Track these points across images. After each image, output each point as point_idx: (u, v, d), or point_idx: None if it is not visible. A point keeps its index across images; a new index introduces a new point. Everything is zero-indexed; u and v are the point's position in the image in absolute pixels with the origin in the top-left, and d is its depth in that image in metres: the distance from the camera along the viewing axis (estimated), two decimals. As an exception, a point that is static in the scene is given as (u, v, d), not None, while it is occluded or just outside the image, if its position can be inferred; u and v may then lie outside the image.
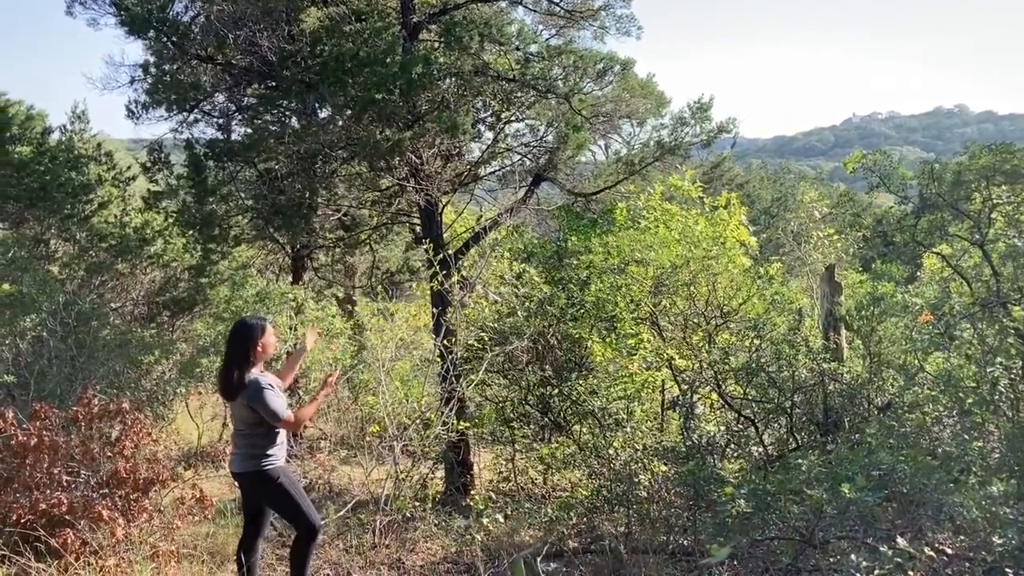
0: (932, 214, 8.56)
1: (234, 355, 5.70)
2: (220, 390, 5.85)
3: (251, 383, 5.62)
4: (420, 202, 11.82)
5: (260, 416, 5.62)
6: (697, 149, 14.74)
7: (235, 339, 5.75)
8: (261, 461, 5.69)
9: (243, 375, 5.64)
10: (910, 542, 4.75)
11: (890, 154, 8.28)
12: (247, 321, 5.86)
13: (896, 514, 5.35)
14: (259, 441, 5.70)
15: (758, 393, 8.47)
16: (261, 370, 5.82)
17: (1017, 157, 7.79)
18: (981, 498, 5.18)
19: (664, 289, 10.40)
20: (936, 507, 5.19)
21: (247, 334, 5.75)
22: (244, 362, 5.66)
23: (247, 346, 5.70)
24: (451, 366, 9.28)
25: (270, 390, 5.64)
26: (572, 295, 10.85)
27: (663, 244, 10.73)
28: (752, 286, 9.87)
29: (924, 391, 7.62)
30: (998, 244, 8.02)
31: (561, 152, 12.96)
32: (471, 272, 11.54)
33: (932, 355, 8.01)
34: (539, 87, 11.79)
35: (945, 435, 6.91)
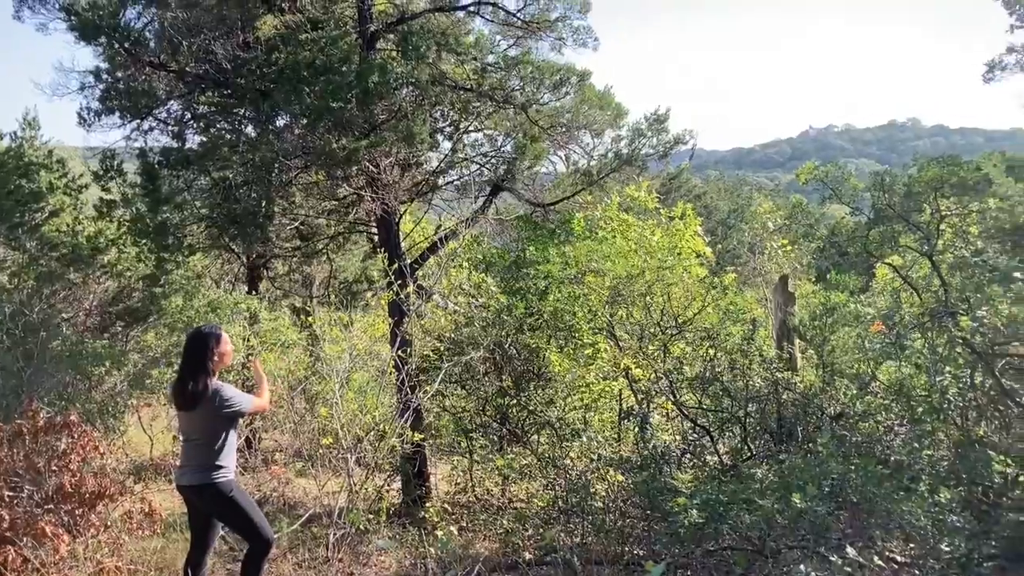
0: (883, 225, 8.67)
1: (192, 365, 5.57)
2: (176, 401, 5.70)
3: (213, 389, 5.51)
4: (377, 211, 11.72)
5: (219, 423, 5.50)
6: (654, 160, 14.80)
7: (192, 349, 5.62)
8: (213, 473, 5.55)
9: (206, 384, 5.52)
10: (860, 551, 4.75)
11: (841, 166, 8.38)
12: (202, 330, 5.74)
13: (847, 523, 5.36)
14: (212, 452, 5.56)
15: (713, 402, 8.48)
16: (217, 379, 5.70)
17: (964, 170, 7.95)
18: (930, 506, 5.21)
19: (621, 299, 10.40)
20: (886, 516, 5.21)
21: (203, 343, 5.62)
22: (203, 372, 5.53)
23: (204, 355, 5.58)
24: (407, 377, 9.18)
25: (232, 388, 5.57)
26: (530, 305, 10.80)
27: (620, 254, 10.75)
28: (707, 296, 9.92)
29: (876, 400, 7.69)
30: (946, 255, 8.15)
31: (519, 162, 12.95)
32: (429, 282, 11.45)
33: (884, 364, 8.09)
34: (497, 97, 11.77)
35: (896, 443, 6.97)
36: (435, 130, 12.95)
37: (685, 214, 13.24)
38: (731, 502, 5.55)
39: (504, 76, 11.82)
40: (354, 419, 8.93)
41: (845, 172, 8.45)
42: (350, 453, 8.51)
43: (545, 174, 15.76)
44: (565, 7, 12.06)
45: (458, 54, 11.48)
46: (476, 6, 12.02)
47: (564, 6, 12.05)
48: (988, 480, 5.97)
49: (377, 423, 8.95)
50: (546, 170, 15.65)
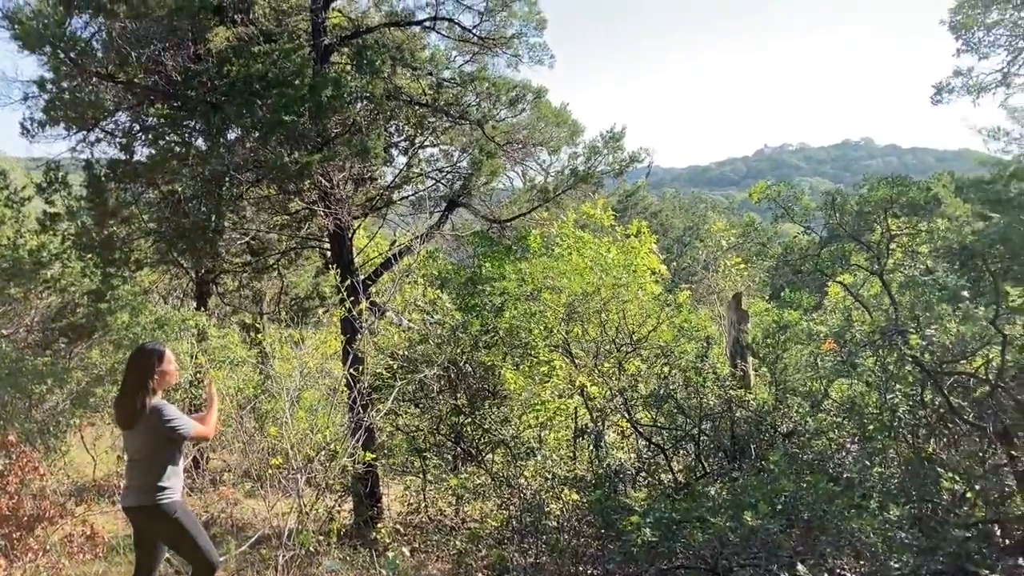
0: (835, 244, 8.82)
1: (134, 383, 5.47)
2: (118, 418, 5.59)
3: (152, 408, 5.41)
4: (330, 226, 11.64)
5: (162, 443, 5.40)
6: (610, 178, 14.94)
7: (134, 366, 5.53)
8: (157, 494, 5.45)
9: (145, 402, 5.43)
10: (811, 568, 4.81)
11: (793, 185, 8.51)
12: (146, 347, 5.65)
13: (798, 540, 5.42)
14: (156, 472, 5.46)
15: (667, 420, 8.54)
16: (161, 398, 5.61)
17: (913, 190, 8.10)
18: (880, 523, 5.29)
19: (576, 316, 10.44)
20: (837, 533, 5.28)
21: (146, 361, 5.53)
22: (144, 390, 5.44)
23: (146, 373, 5.49)
24: (359, 395, 9.10)
25: (174, 409, 5.48)
26: (486, 322, 10.80)
27: (576, 271, 10.81)
28: (662, 313, 10.00)
29: (828, 418, 7.80)
30: (896, 274, 8.31)
31: (475, 178, 12.97)
32: (382, 298, 11.39)
33: (835, 382, 8.21)
34: (452, 113, 11.80)
35: (847, 461, 7.07)
36: (390, 145, 12.93)
37: (641, 232, 13.39)
38: (684, 520, 5.59)
39: (460, 92, 11.86)
40: (304, 438, 8.83)
41: (797, 191, 8.58)
42: (300, 473, 8.41)
43: (501, 190, 15.83)
44: (521, 24, 12.15)
45: (413, 69, 11.50)
46: (432, 21, 12.05)
47: (520, 23, 12.13)
48: (937, 497, 6.09)
49: (328, 442, 8.86)
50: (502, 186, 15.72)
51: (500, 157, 13.09)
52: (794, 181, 9.86)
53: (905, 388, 7.20)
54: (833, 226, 8.52)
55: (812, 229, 8.78)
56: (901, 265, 8.24)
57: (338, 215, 11.40)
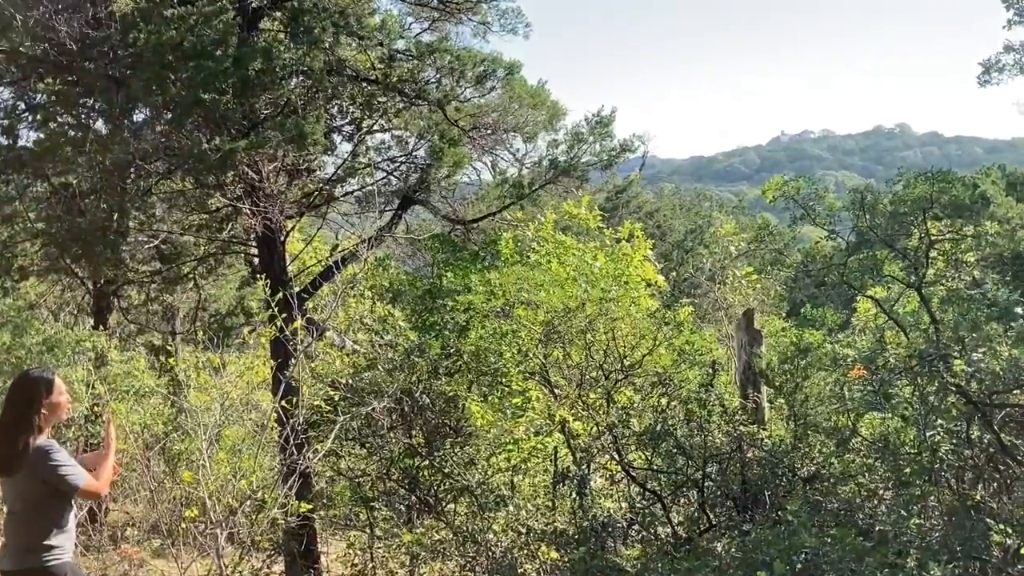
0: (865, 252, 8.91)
1: (14, 418, 5.39)
2: (-6, 462, 5.51)
3: (37, 449, 5.32)
4: (258, 227, 11.59)
5: (48, 492, 5.32)
6: (597, 170, 15.01)
7: (14, 398, 5.45)
8: (43, 555, 5.37)
9: (28, 442, 5.34)
10: (838, 641, 4.83)
11: (815, 180, 8.59)
12: (30, 375, 5.58)
13: (822, 608, 5.44)
14: (41, 528, 5.38)
15: (665, 462, 8.55)
16: (49, 436, 5.53)
17: (957, 187, 8.20)
18: (919, 586, 5.33)
19: (557, 337, 10.45)
20: (868, 598, 5.31)
21: (29, 392, 5.45)
22: (27, 427, 5.36)
23: (30, 407, 5.40)
24: (293, 433, 9.04)
25: (64, 453, 5.38)
26: (447, 344, 10.79)
27: (556, 283, 10.82)
28: (658, 334, 10.03)
29: (857, 459, 7.86)
30: (937, 287, 8.40)
31: (435, 170, 12.97)
32: (322, 315, 11.34)
33: (865, 416, 8.27)
34: (407, 91, 11.81)
35: (880, 511, 7.12)
36: (331, 129, 12.90)
37: (633, 235, 13.43)
38: (686, 584, 5.59)
39: (416, 66, 11.87)
40: (226, 485, 8.75)
41: (820, 188, 8.66)
42: (220, 528, 8.34)
43: (466, 184, 15.84)
44: (491, -16, 12.24)
45: (360, 38, 11.50)
46: (383, -20, 12.12)
47: (490, -17, 12.23)
48: (986, 553, 6.14)
49: (255, 490, 8.79)
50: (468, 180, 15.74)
51: (465, 145, 13.10)
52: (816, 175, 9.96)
53: (948, 423, 7.26)
54: (863, 230, 8.60)
55: (837, 233, 8.85)
56: (943, 276, 8.32)
57: (268, 214, 11.35)
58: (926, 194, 7.93)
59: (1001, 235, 8.94)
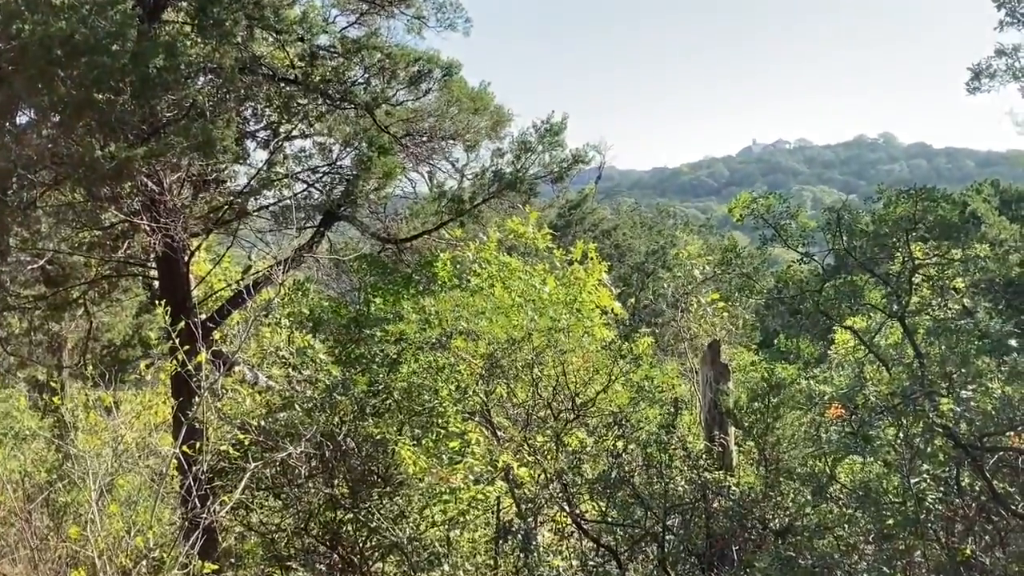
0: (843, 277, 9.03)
1: None
2: None
3: None
4: (158, 246, 11.48)
5: None
6: (547, 183, 15.07)
7: None
8: None
9: None
10: None
11: (788, 197, 8.71)
12: None
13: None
14: None
15: (621, 514, 8.57)
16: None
17: (944, 205, 8.34)
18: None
19: (500, 372, 10.46)
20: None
21: None
22: None
23: None
24: (197, 482, 8.94)
25: None
26: (375, 379, 10.74)
27: (499, 310, 10.84)
28: (614, 368, 10.07)
29: (834, 509, 7.93)
30: (922, 317, 8.54)
31: (362, 182, 12.94)
32: (231, 346, 11.23)
33: (844, 461, 8.37)
34: (332, 93, 11.78)
35: (860, 567, 7.19)
36: (244, 135, 12.82)
37: (588, 256, 13.50)
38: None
39: (342, 64, 11.86)
40: (118, 543, 8.64)
41: (793, 205, 8.78)
42: (111, 592, 8.21)
43: (399, 198, 15.81)
44: (426, -26, 12.29)
45: (278, 32, 11.46)
46: (303, -33, 12.11)
47: (425, -29, 12.28)
48: (977, 615, 6.23)
49: (151, 548, 8.67)
50: (400, 193, 15.72)
51: (397, 153, 13.09)
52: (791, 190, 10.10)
53: (935, 469, 7.37)
54: (840, 252, 8.72)
55: (812, 256, 8.97)
56: (928, 305, 8.47)
57: (170, 231, 11.24)
58: (909, 213, 8.06)
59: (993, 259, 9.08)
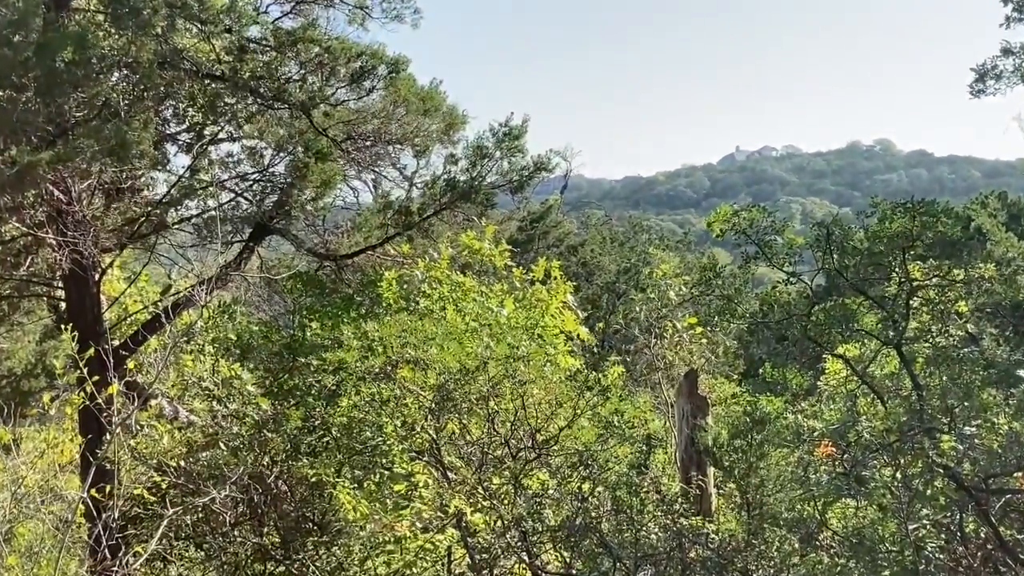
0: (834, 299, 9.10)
1: None
2: None
3: None
4: (65, 263, 11.40)
5: None
6: (506, 193, 15.11)
7: None
8: None
9: None
10: None
11: (773, 210, 8.76)
12: None
13: None
14: None
15: (587, 565, 8.57)
16: None
17: (944, 220, 8.41)
18: None
19: (451, 405, 10.45)
20: None
21: None
22: None
23: None
24: (107, 530, 8.87)
25: None
26: (311, 414, 10.71)
27: (451, 336, 10.84)
28: (580, 401, 10.08)
29: (824, 559, 7.97)
30: (921, 344, 8.61)
31: (298, 191, 12.93)
32: (148, 377, 11.16)
33: (836, 505, 8.41)
34: (263, 91, 11.76)
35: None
36: (164, 138, 12.78)
37: (551, 276, 13.53)
38: None
39: (275, 59, 11.85)
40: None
41: (779, 219, 8.84)
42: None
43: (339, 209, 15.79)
44: (370, -44, 12.32)
45: (203, 23, 11.43)
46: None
47: (368, -46, 12.31)
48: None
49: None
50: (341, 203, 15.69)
51: (337, 159, 13.09)
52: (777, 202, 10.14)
53: (935, 514, 7.42)
54: (831, 272, 8.79)
55: (801, 276, 9.03)
56: (928, 331, 8.53)
57: (79, 245, 11.17)
58: (907, 229, 8.12)
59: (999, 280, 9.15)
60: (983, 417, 7.47)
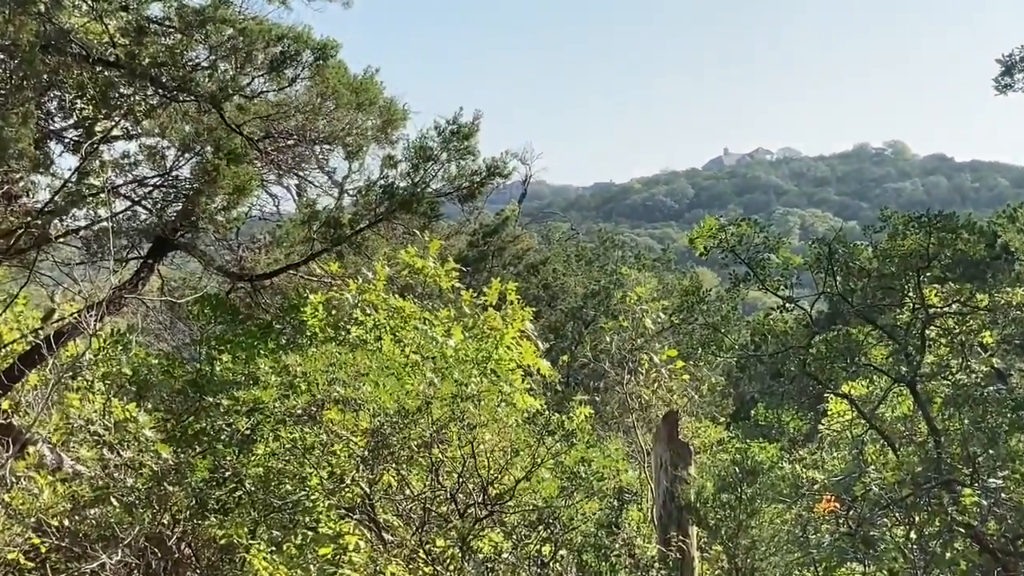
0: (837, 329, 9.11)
1: None
2: None
3: None
4: (-74, 284, 11.28)
5: None
6: (453, 202, 15.11)
7: None
8: None
9: None
10: None
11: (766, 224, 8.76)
12: None
13: None
14: None
15: (548, 643, 8.54)
16: None
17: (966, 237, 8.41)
18: None
19: (388, 453, 10.42)
20: None
21: None
22: None
23: None
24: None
25: None
26: (220, 463, 10.64)
27: (388, 371, 10.80)
28: (540, 448, 10.07)
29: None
30: (939, 382, 8.62)
31: (206, 199, 12.88)
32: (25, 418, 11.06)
33: (839, 571, 8.41)
34: (166, 80, 11.71)
35: None
36: (47, 134, 12.70)
37: (507, 300, 13.51)
38: None
39: (180, 42, 11.80)
40: None
41: (773, 234, 8.84)
42: None
43: (256, 221, 15.72)
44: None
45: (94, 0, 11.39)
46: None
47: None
48: None
49: None
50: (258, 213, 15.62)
51: (254, 161, 13.05)
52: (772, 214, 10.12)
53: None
54: (834, 297, 8.80)
55: (799, 302, 9.05)
56: (947, 367, 8.55)
57: (-56, 263, 11.05)
58: (922, 247, 8.12)
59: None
60: (1011, 468, 7.47)
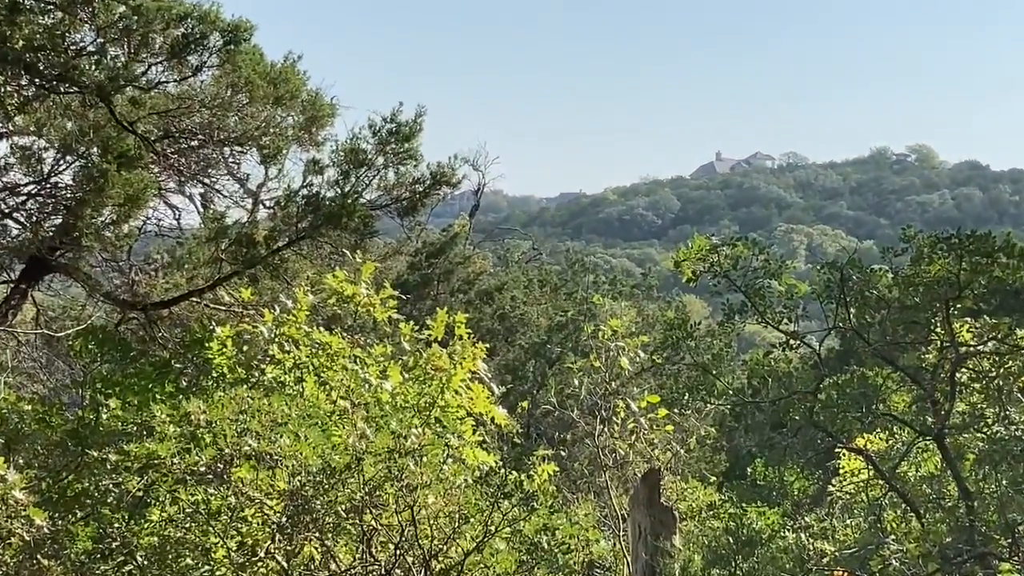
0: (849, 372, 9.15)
1: None
2: None
3: None
4: None
5: None
6: (392, 216, 15.13)
7: None
8: None
9: None
10: None
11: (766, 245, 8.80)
12: None
13: None
14: None
15: None
16: None
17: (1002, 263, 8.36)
18: None
19: (311, 520, 10.42)
20: None
21: None
22: None
23: None
24: None
25: None
26: (107, 532, 10.62)
27: (311, 420, 10.81)
28: (494, 514, 10.09)
29: None
30: (971, 436, 8.65)
31: (92, 211, 12.87)
32: None
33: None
34: (43, 67, 11.73)
35: None
36: None
37: (456, 334, 13.53)
38: None
39: (61, 23, 11.82)
40: None
41: (774, 257, 8.86)
42: None
43: (151, 238, 15.71)
44: None
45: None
46: None
47: None
48: None
49: None
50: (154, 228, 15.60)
51: (149, 165, 13.06)
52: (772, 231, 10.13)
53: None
54: (847, 332, 8.84)
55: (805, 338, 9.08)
56: (981, 417, 8.59)
57: None
58: (952, 273, 8.12)
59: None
60: (1057, 537, 7.54)
